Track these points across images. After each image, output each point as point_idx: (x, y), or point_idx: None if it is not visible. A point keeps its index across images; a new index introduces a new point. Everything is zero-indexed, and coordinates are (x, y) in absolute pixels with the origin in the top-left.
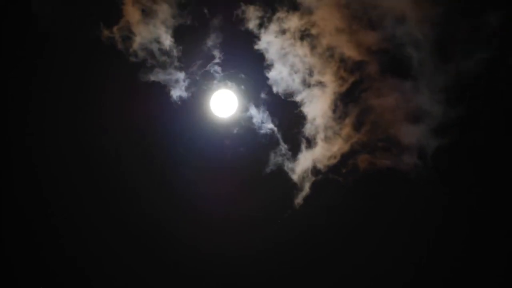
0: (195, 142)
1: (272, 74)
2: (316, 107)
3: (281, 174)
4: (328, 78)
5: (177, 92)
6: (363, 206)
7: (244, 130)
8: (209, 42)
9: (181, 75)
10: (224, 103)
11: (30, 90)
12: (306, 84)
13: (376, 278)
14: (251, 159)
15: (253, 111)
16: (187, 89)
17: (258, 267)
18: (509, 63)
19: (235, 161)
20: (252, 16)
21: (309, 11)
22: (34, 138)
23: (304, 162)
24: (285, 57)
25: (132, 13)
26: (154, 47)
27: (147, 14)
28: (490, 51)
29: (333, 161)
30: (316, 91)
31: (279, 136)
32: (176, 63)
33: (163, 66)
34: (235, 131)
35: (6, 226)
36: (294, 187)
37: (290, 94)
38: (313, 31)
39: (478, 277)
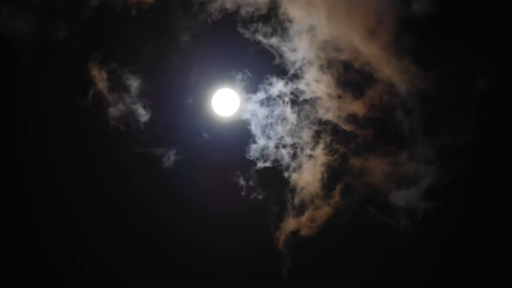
0: (197, 142)
1: (256, 146)
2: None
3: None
4: (318, 151)
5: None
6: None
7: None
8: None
9: None
10: (226, 103)
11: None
12: (295, 156)
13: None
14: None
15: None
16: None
17: (260, 266)
18: (499, 130)
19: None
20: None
21: (297, 77)
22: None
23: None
24: (271, 127)
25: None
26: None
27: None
28: (481, 117)
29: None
30: (304, 161)
31: None
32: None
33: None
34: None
35: (7, 225)
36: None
37: (278, 164)
38: (302, 98)
39: None
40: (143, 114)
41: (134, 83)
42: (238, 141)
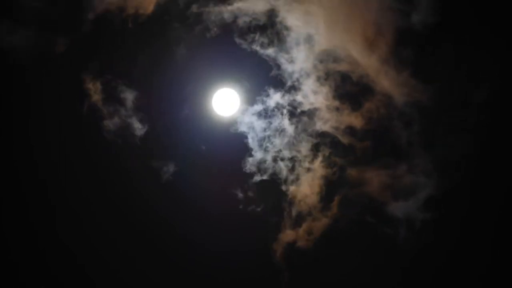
0: (197, 141)
1: (253, 159)
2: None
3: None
4: (316, 164)
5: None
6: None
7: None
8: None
9: None
10: (226, 102)
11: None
12: (293, 168)
13: None
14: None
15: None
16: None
17: (259, 267)
18: (496, 142)
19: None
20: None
21: (295, 89)
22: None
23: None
24: (269, 139)
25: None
26: None
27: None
28: (477, 129)
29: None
30: (302, 173)
31: None
32: None
33: None
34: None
35: (7, 225)
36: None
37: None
38: (299, 110)
39: None
40: (139, 128)
41: (129, 96)
42: (236, 153)
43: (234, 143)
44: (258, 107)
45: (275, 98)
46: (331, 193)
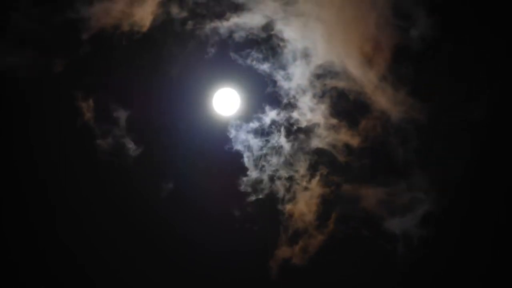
0: (196, 141)
1: (248, 178)
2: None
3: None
4: (313, 182)
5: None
6: None
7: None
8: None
9: None
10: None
11: None
12: (290, 187)
13: None
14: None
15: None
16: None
17: (259, 267)
18: (493, 159)
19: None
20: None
21: (292, 106)
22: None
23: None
24: (265, 158)
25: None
26: None
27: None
28: (475, 147)
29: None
30: (299, 192)
31: None
32: None
33: None
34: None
35: (7, 225)
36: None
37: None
38: (296, 127)
39: None
40: (133, 149)
41: (123, 115)
42: (232, 172)
43: (230, 161)
44: (254, 125)
45: (271, 115)
46: (328, 211)
